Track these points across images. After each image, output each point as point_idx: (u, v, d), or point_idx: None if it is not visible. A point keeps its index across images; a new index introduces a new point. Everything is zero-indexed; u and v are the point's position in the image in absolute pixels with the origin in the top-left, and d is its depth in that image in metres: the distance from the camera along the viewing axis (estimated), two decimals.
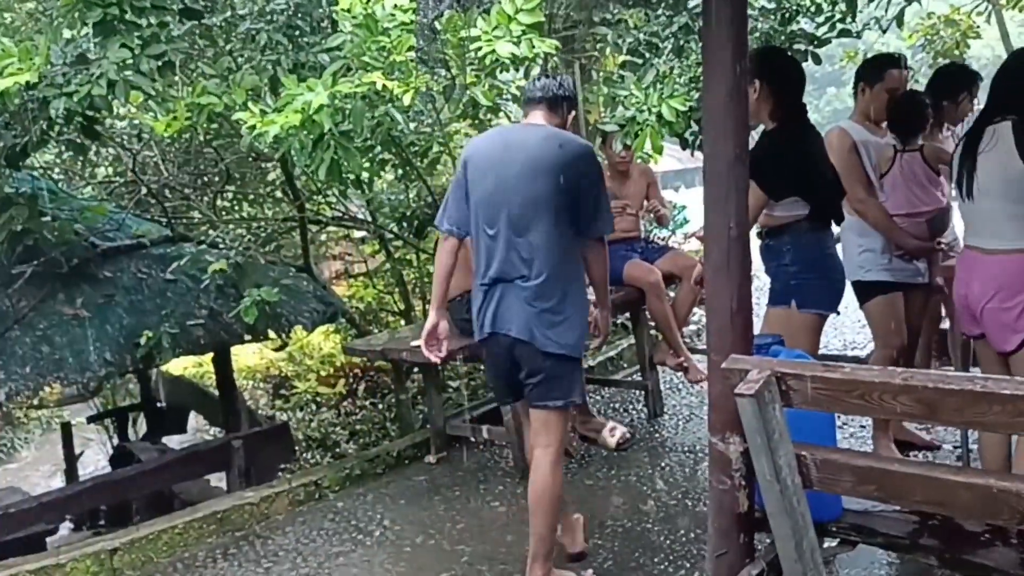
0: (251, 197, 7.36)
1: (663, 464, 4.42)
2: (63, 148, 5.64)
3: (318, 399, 8.47)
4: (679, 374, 5.49)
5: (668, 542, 3.59)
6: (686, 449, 4.59)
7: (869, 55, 6.21)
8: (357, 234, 8.11)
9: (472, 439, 4.94)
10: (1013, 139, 2.81)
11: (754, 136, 3.18)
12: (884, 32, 5.59)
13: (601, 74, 5.82)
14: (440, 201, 6.11)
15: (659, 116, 4.03)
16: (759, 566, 2.70)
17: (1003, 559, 2.34)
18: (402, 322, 7.81)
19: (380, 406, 7.86)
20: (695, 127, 5.07)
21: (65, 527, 6.34)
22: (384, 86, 3.27)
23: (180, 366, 8.39)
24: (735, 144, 2.53)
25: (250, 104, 3.67)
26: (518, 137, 3.17)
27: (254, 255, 5.07)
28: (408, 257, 7.39)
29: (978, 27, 6.97)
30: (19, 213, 4.54)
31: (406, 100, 3.34)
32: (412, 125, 4.74)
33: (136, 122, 5.49)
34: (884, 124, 3.98)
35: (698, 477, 4.24)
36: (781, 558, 2.44)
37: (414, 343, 4.35)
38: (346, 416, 7.98)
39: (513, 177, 3.04)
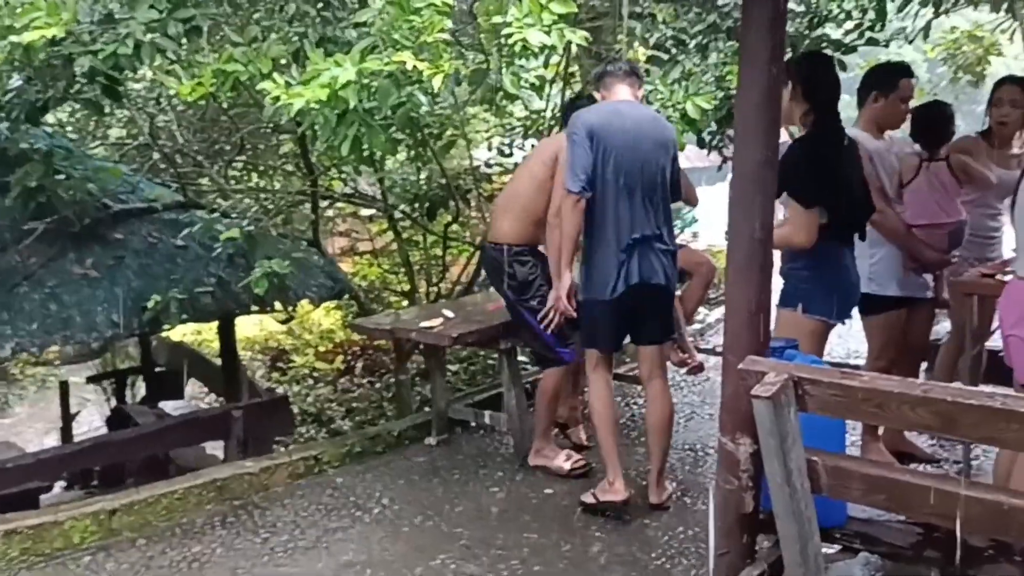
0: (261, 168, 7.36)
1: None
2: (79, 107, 5.63)
3: (315, 374, 8.50)
4: (682, 371, 5.50)
5: (666, 538, 3.61)
6: (687, 447, 4.61)
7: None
8: (364, 212, 8.12)
9: (473, 424, 4.96)
10: None
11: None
12: (910, 43, 5.60)
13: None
14: (452, 183, 6.17)
15: (683, 114, 4.03)
16: (760, 567, 2.72)
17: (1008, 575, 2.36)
18: (404, 303, 7.83)
19: (378, 385, 7.89)
20: (714, 126, 5.08)
21: (58, 486, 6.36)
22: (415, 67, 3.25)
23: (179, 333, 8.41)
24: (765, 146, 2.54)
25: (275, 75, 3.66)
26: (635, 113, 3.70)
27: (266, 226, 5.06)
28: (415, 238, 7.40)
29: (1000, 44, 6.97)
30: (34, 170, 4.53)
31: (436, 83, 3.33)
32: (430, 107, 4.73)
33: (154, 85, 5.46)
34: (887, 133, 3.95)
35: (698, 475, 4.26)
36: (786, 561, 2.46)
37: (423, 324, 4.37)
38: (343, 393, 8.02)
39: (644, 151, 3.62)
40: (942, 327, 4.73)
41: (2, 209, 4.71)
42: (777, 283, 3.24)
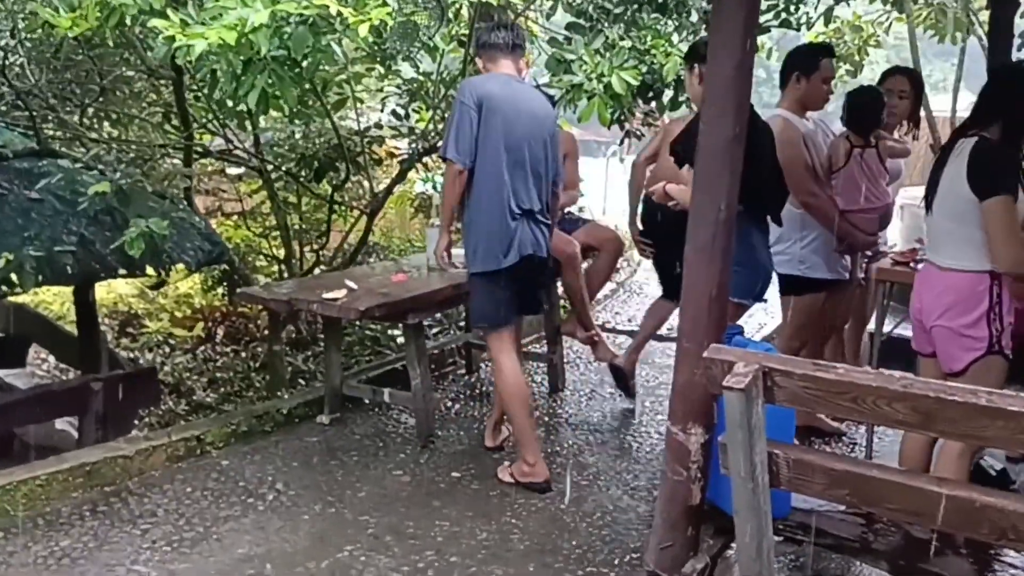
0: (115, 117, 6.69)
1: (568, 442, 4.34)
2: None
3: (171, 341, 7.92)
4: (580, 349, 5.44)
5: (584, 524, 3.50)
6: (590, 427, 4.52)
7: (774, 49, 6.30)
8: (232, 171, 7.57)
9: (368, 401, 4.69)
10: (968, 156, 2.83)
11: None
12: (798, 30, 5.67)
13: (541, 33, 5.58)
14: (344, 144, 5.80)
15: (607, 87, 3.88)
16: (703, 560, 2.65)
17: (955, 569, 2.37)
18: (275, 269, 7.38)
19: (244, 354, 7.42)
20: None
21: None
22: (338, 12, 2.93)
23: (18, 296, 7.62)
24: (735, 123, 2.42)
25: (169, 12, 3.23)
26: (521, 88, 3.72)
27: (141, 181, 4.54)
28: (291, 200, 6.95)
29: (879, 36, 7.23)
30: None
31: (361, 31, 3.01)
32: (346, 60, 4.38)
33: (7, 16, 4.79)
34: (809, 113, 3.97)
35: (604, 457, 4.17)
36: (739, 555, 2.38)
37: (326, 295, 4.05)
38: (204, 362, 7.49)
39: (531, 125, 3.64)
40: None
41: None
42: None
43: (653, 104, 5.01)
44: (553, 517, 3.55)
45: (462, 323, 5.93)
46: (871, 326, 4.22)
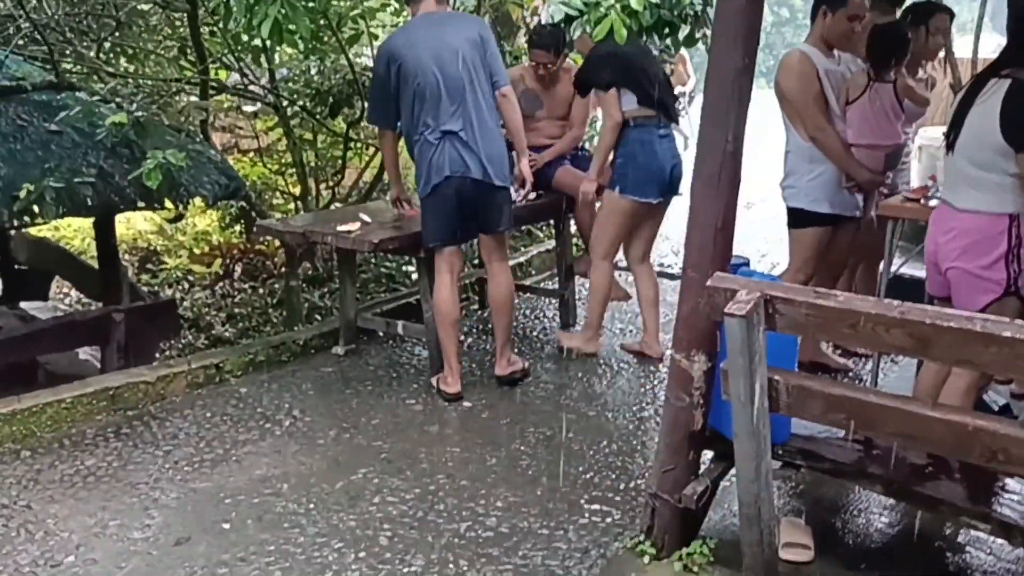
0: (131, 52, 6.70)
1: (579, 374, 4.42)
2: None
3: (190, 278, 8.04)
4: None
5: (591, 452, 3.59)
6: (601, 361, 4.60)
7: None
8: (247, 108, 7.59)
9: (382, 334, 4.79)
10: (1002, 101, 2.68)
11: None
12: None
13: None
14: (359, 80, 5.80)
15: (625, 6, 3.85)
16: (704, 483, 2.73)
17: (948, 492, 2.44)
18: (291, 206, 7.43)
19: (261, 291, 7.53)
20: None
21: None
22: None
23: (37, 229, 7.74)
24: (744, 52, 2.43)
25: None
26: (432, 22, 3.85)
27: (158, 114, 4.58)
28: (307, 136, 6.98)
29: None
30: None
31: None
32: None
33: None
34: (836, 51, 3.94)
35: (614, 389, 4.26)
36: (739, 478, 2.45)
37: (341, 228, 4.11)
38: (222, 298, 7.61)
39: (444, 55, 3.77)
40: None
41: None
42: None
43: (668, 40, 4.96)
44: (561, 445, 3.65)
45: (475, 260, 5.99)
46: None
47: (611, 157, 4.33)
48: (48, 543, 2.90)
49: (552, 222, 5.27)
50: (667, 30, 4.75)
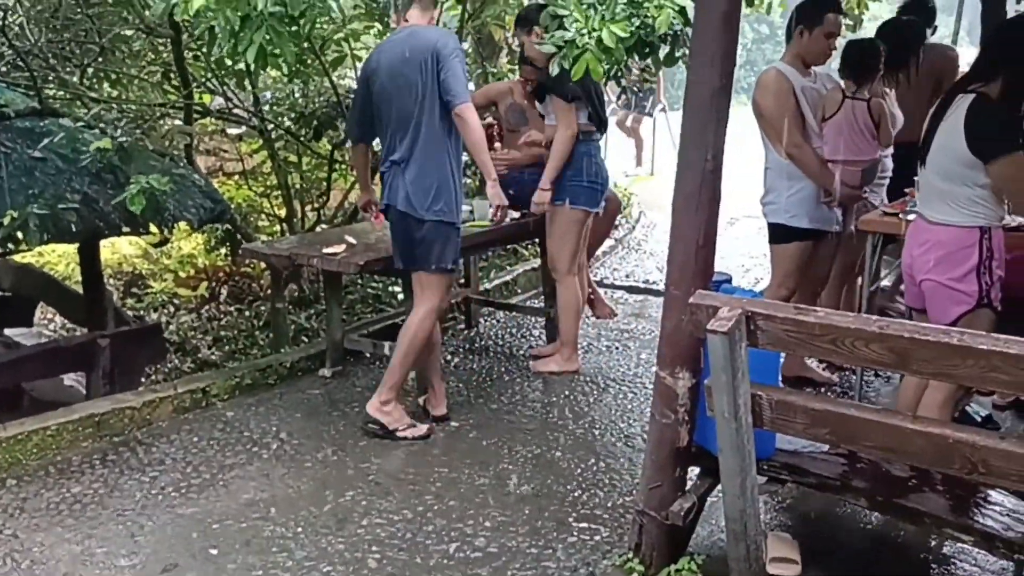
0: (114, 77, 6.71)
1: (566, 393, 4.43)
2: None
3: (175, 301, 8.02)
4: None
5: (579, 470, 3.60)
6: (586, 379, 4.61)
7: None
8: (232, 131, 7.60)
9: (369, 355, 4.79)
10: (964, 115, 2.80)
11: None
12: None
13: None
14: (343, 102, 5.83)
15: (599, 41, 3.90)
16: (691, 500, 2.74)
17: (931, 504, 2.47)
18: (276, 228, 7.44)
19: (247, 313, 7.52)
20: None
21: None
22: None
23: (20, 255, 7.71)
24: (721, 73, 2.47)
25: None
26: (402, 39, 3.72)
27: (142, 139, 4.60)
28: (291, 159, 7.00)
29: None
30: None
31: None
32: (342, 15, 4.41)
33: None
34: (812, 69, 4.00)
35: (600, 407, 4.27)
36: (725, 493, 2.47)
37: (326, 250, 4.12)
38: (208, 321, 7.59)
39: (401, 74, 3.65)
40: None
41: None
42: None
43: (649, 60, 5.02)
44: (549, 464, 3.66)
45: (461, 280, 6.01)
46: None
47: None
48: (34, 572, 2.88)
49: (537, 241, 5.29)
50: (647, 50, 4.81)
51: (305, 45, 4.37)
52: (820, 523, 3.07)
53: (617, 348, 5.09)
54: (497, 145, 4.89)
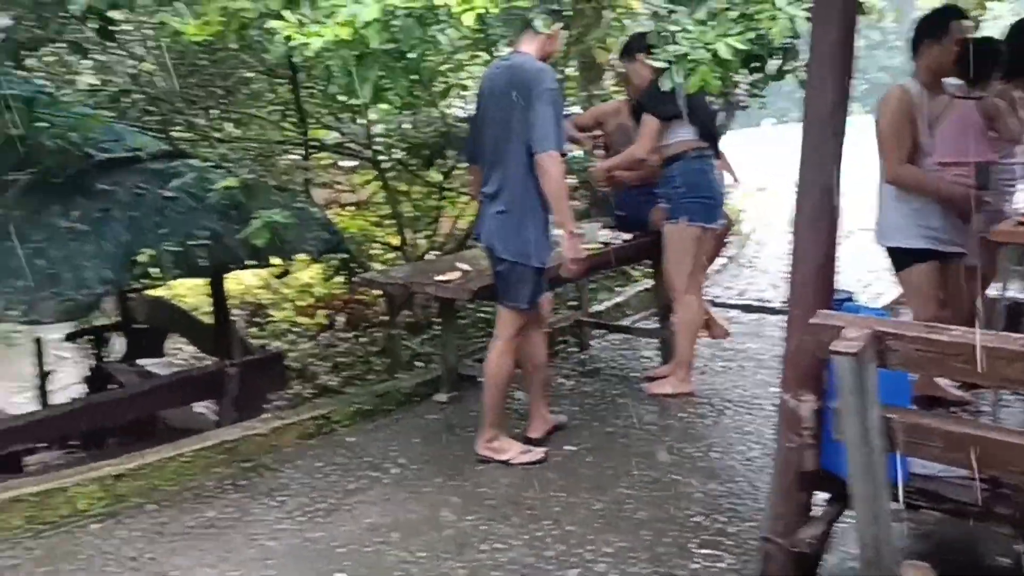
0: (235, 117, 7.05)
1: (681, 415, 4.37)
2: (53, 51, 5.29)
3: (295, 329, 8.31)
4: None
5: (699, 495, 3.54)
6: (702, 401, 4.53)
7: None
8: (345, 163, 7.86)
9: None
10: None
11: None
12: None
13: (642, 8, 5.58)
14: (454, 132, 5.96)
15: (714, 54, 3.85)
16: (818, 526, 2.66)
17: None
18: (389, 256, 7.62)
19: (363, 339, 7.72)
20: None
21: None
22: (444, 3, 3.05)
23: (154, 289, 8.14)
24: (840, 88, 2.40)
25: (287, 13, 3.41)
26: (500, 71, 3.78)
27: (264, 176, 4.81)
28: (403, 189, 7.18)
29: None
30: (16, 117, 4.23)
31: (467, 20, 3.13)
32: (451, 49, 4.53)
33: (139, 27, 5.14)
34: (945, 80, 3.84)
35: (718, 429, 4.19)
36: (856, 520, 2.38)
37: (439, 277, 4.20)
38: (326, 348, 7.83)
39: (496, 106, 3.70)
40: None
41: None
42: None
43: (758, 74, 4.93)
44: (667, 488, 3.61)
45: (573, 302, 6.02)
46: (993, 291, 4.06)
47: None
48: None
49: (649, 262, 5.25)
50: (756, 63, 4.74)
51: (414, 78, 4.47)
52: (959, 552, 2.91)
53: (733, 369, 4.98)
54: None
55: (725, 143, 5.03)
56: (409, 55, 3.61)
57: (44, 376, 7.37)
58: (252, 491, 3.78)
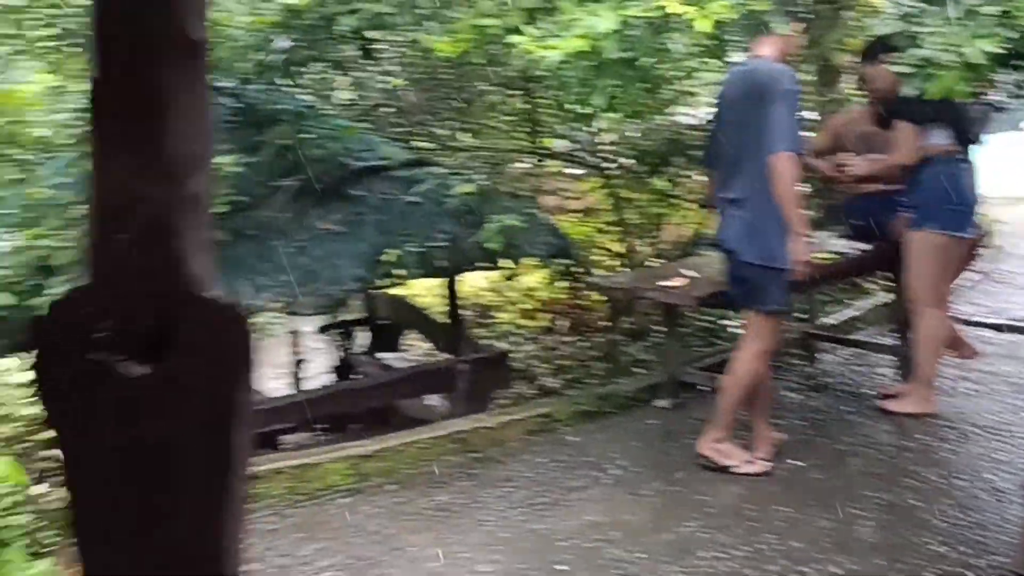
0: (473, 127, 7.43)
1: (920, 437, 4.11)
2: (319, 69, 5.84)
3: (518, 331, 8.60)
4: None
5: (938, 522, 3.32)
6: (945, 423, 4.23)
7: None
8: (571, 171, 8.05)
9: (703, 388, 4.79)
10: None
11: None
12: None
13: (890, 7, 5.32)
14: (682, 139, 5.97)
15: (962, 58, 3.61)
16: None
17: None
18: (612, 263, 7.71)
19: (584, 344, 7.86)
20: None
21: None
22: (684, 11, 3.08)
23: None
24: None
25: (526, 28, 3.59)
26: (737, 75, 3.81)
27: (497, 183, 5.07)
28: (628, 196, 7.24)
29: None
30: (286, 129, 4.74)
31: (703, 27, 3.14)
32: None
33: (392, 45, 5.57)
34: None
35: (965, 455, 3.91)
36: None
37: (663, 283, 4.23)
38: (547, 351, 8.05)
39: (735, 109, 3.72)
40: None
41: (256, 167, 4.96)
42: None
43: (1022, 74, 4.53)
44: (902, 513, 3.42)
45: (801, 315, 5.81)
46: None
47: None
48: (412, 567, 3.27)
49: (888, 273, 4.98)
50: (1017, 62, 4.37)
51: (645, 86, 4.53)
52: None
53: (983, 392, 4.61)
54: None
55: (982, 147, 4.65)
56: (639, 63, 3.68)
57: (298, 364, 8.15)
58: (481, 480, 3.99)
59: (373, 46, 4.20)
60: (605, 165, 6.52)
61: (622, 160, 6.43)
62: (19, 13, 4.35)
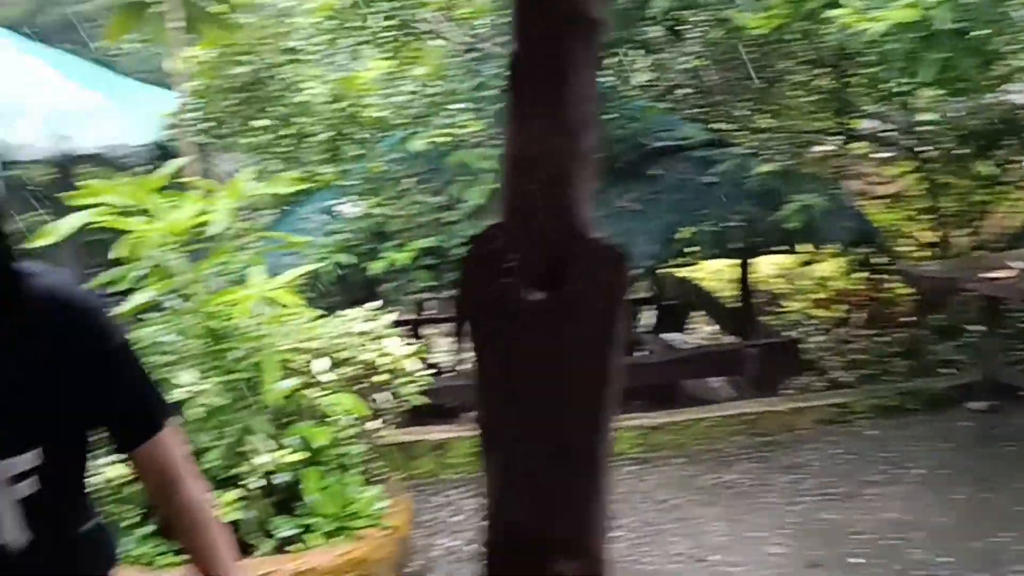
0: (771, 107, 7.16)
1: None
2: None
3: (809, 321, 8.23)
4: None
5: None
6: None
7: None
8: (877, 153, 7.53)
9: None
10: None
11: None
12: None
13: None
14: (1016, 120, 5.39)
15: None
16: None
17: None
18: (920, 254, 7.14)
19: (882, 339, 7.37)
20: None
21: None
22: None
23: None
24: None
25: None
26: None
27: (799, 164, 4.91)
28: (946, 181, 6.65)
29: None
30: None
31: None
32: None
33: (696, 27, 5.55)
34: None
35: None
36: None
37: (987, 275, 3.90)
38: (840, 343, 7.63)
39: None
40: None
41: None
42: None
43: None
44: None
45: None
46: None
47: None
48: (696, 539, 3.32)
49: None
50: None
51: (978, 60, 4.17)
52: None
53: None
54: None
55: None
56: (973, 34, 3.40)
57: None
58: (770, 463, 3.94)
59: (681, 26, 4.20)
60: (920, 147, 6.03)
61: (942, 142, 5.92)
62: (365, 7, 4.88)
